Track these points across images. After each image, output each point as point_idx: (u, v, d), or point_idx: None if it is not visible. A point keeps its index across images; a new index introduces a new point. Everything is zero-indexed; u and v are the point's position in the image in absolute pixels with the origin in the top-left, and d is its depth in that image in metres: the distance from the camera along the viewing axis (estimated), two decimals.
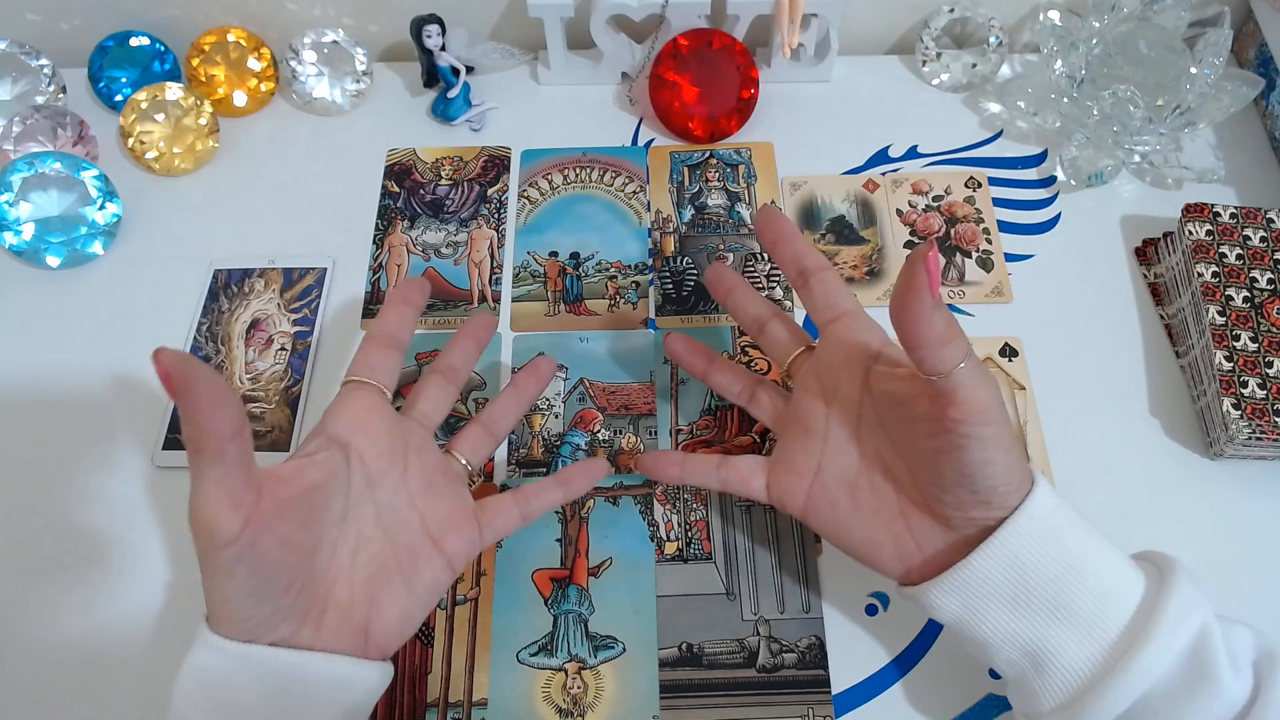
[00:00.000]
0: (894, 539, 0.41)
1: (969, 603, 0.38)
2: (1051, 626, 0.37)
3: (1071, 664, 0.36)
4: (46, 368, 0.58)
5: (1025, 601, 0.37)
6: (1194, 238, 0.56)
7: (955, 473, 0.37)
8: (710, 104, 0.66)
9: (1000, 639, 0.38)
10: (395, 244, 0.63)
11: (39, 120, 0.64)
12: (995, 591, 0.37)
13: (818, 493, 0.43)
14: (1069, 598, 0.36)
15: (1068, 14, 0.65)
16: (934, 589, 0.39)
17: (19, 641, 0.49)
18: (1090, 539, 0.38)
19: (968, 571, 0.38)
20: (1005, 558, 0.37)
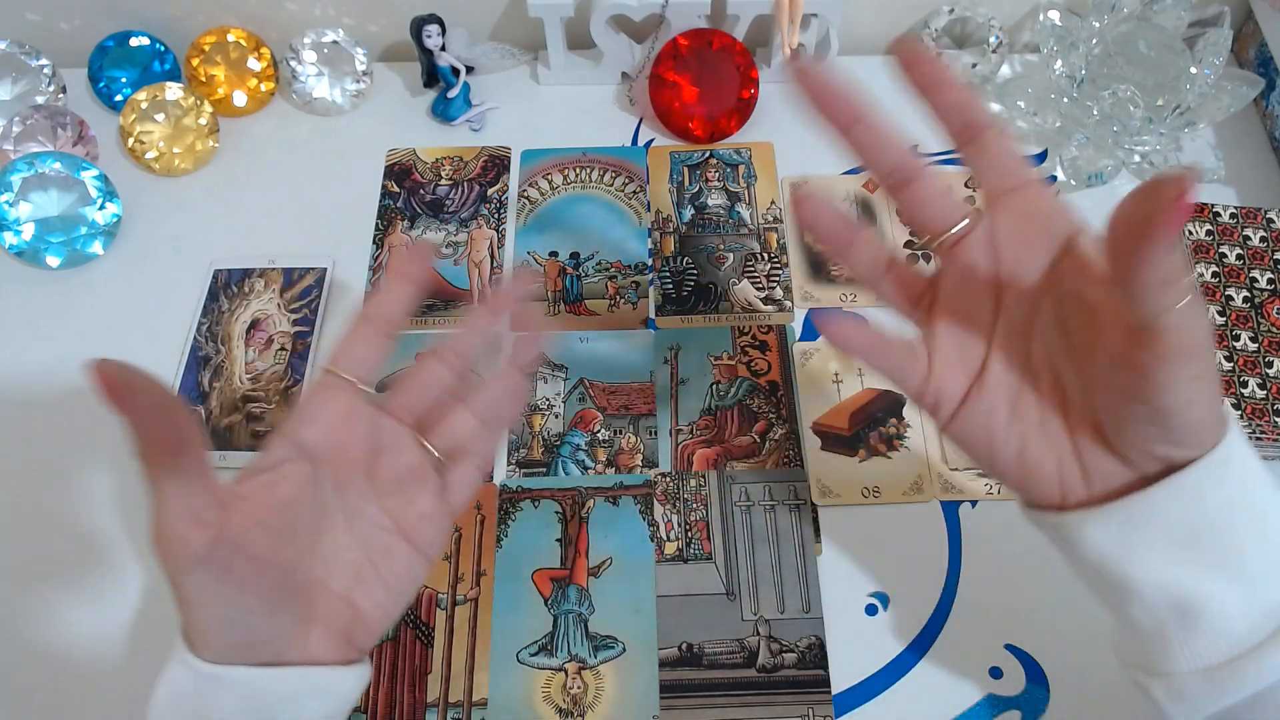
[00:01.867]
0: (1056, 461, 0.34)
1: (1129, 540, 0.33)
2: (1216, 579, 0.32)
3: (1229, 624, 0.32)
4: (46, 368, 0.58)
5: (1194, 547, 0.32)
6: (1194, 237, 0.56)
7: (1147, 411, 0.31)
8: (710, 104, 0.66)
9: (1152, 585, 0.33)
10: (395, 244, 0.63)
11: (39, 120, 0.64)
12: (1164, 532, 0.32)
13: (975, 395, 0.35)
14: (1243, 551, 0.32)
15: (1068, 14, 0.65)
16: (1091, 520, 0.33)
17: (17, 641, 0.49)
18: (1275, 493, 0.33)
19: (1141, 506, 0.32)
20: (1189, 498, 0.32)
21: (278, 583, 0.34)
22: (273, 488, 0.34)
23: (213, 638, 0.33)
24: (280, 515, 0.34)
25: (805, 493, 0.53)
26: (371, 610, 0.37)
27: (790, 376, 0.57)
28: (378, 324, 0.39)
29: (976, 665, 0.48)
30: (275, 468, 0.35)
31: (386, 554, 0.38)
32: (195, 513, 0.31)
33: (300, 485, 0.35)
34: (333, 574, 0.37)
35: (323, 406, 0.38)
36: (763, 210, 0.64)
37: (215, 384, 0.57)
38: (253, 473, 0.35)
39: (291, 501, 0.35)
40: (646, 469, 0.54)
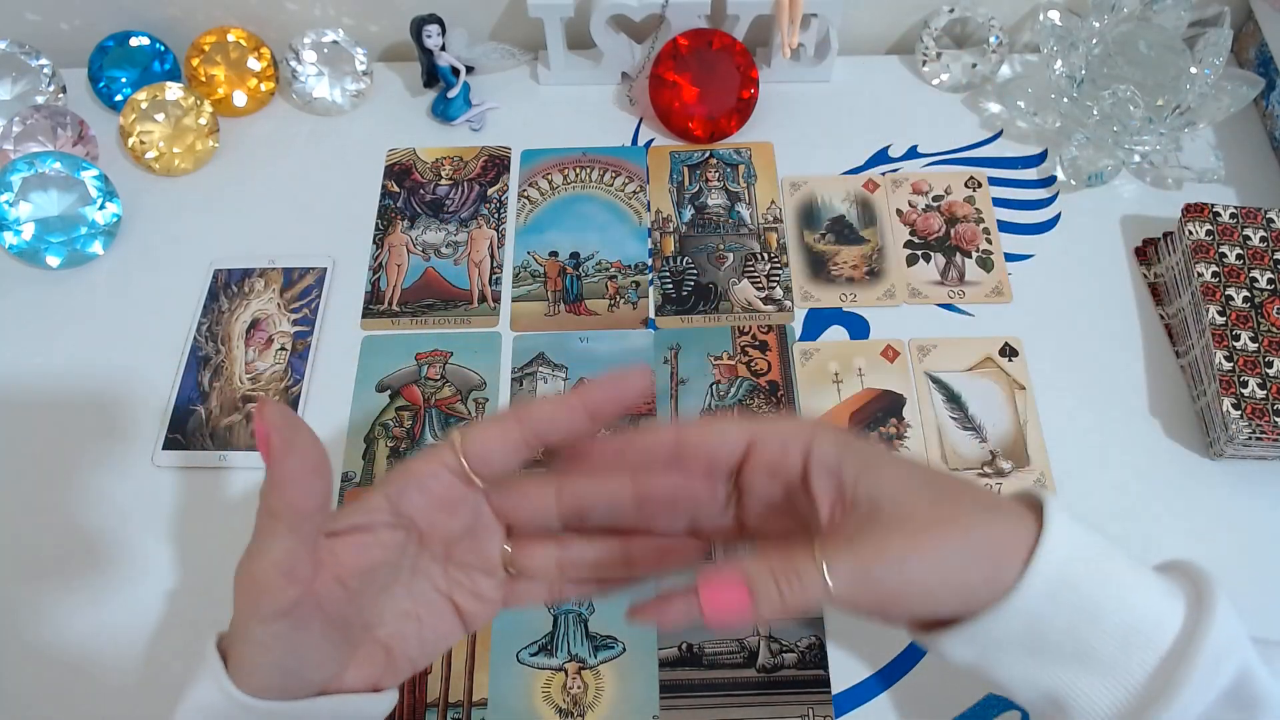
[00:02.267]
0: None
1: (987, 652, 0.36)
2: (1073, 671, 0.34)
3: (1096, 708, 0.34)
4: (46, 368, 0.58)
5: (1044, 649, 0.35)
6: (1194, 237, 0.56)
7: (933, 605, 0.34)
8: (710, 104, 0.66)
9: (1019, 683, 0.36)
10: (395, 244, 0.63)
11: (39, 120, 0.64)
12: (1011, 642, 0.35)
13: None
14: (1089, 644, 0.34)
15: (1068, 14, 0.65)
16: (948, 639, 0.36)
17: (17, 642, 0.49)
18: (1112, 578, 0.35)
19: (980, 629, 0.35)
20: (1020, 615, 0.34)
21: (338, 635, 0.34)
22: (363, 551, 0.34)
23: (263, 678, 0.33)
24: (360, 578, 0.34)
25: None
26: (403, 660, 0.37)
27: (790, 376, 0.57)
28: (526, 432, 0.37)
29: None
30: (371, 529, 0.35)
31: (433, 614, 0.38)
32: (292, 567, 0.31)
33: (388, 551, 0.35)
34: (383, 622, 0.37)
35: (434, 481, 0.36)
36: (763, 210, 0.64)
37: (215, 384, 0.57)
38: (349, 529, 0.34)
39: (376, 566, 0.35)
40: None
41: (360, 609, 0.35)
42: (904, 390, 0.56)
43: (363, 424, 0.56)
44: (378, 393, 0.57)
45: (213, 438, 0.55)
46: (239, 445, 0.55)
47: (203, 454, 0.55)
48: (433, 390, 0.57)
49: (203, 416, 0.56)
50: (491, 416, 0.37)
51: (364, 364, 0.58)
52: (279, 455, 0.30)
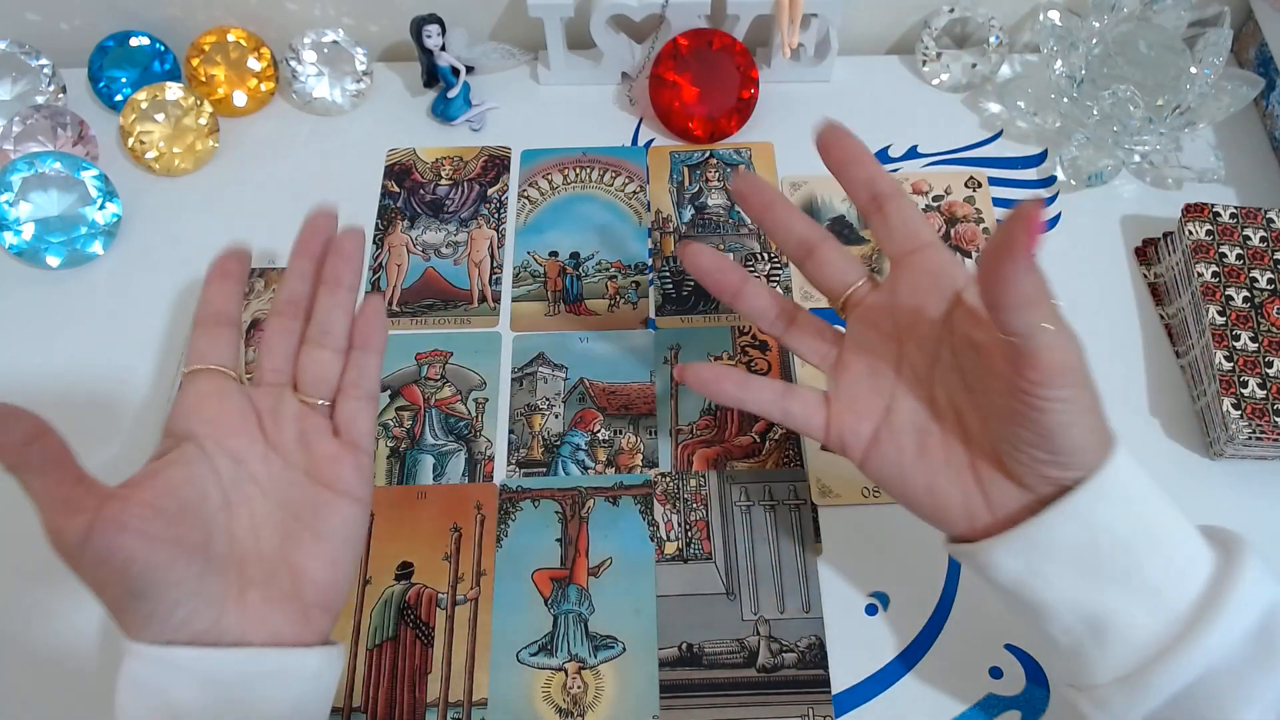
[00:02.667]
0: (961, 492, 0.38)
1: (1034, 563, 0.36)
2: (1119, 594, 0.35)
3: (1136, 634, 0.35)
4: (46, 368, 0.58)
5: (1094, 566, 0.35)
6: (1194, 237, 0.56)
7: (1032, 434, 0.34)
8: (710, 104, 0.66)
9: (1062, 604, 0.36)
10: (395, 244, 0.63)
11: (39, 120, 0.64)
12: (1064, 554, 0.35)
13: (884, 436, 0.40)
14: (1140, 565, 0.35)
15: (1068, 14, 0.65)
16: (998, 546, 0.36)
17: (17, 641, 0.49)
18: (1166, 508, 0.36)
19: (1038, 530, 0.35)
20: (1081, 519, 0.35)
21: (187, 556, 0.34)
22: (158, 475, 0.36)
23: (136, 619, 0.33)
24: (171, 496, 0.35)
25: (805, 492, 0.53)
26: (312, 562, 0.38)
27: (790, 376, 0.57)
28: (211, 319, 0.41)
29: (976, 665, 0.48)
30: (160, 459, 0.37)
31: (311, 507, 0.39)
32: (66, 502, 0.32)
33: (185, 465, 0.36)
34: (261, 537, 0.38)
35: (186, 397, 0.39)
36: None
37: None
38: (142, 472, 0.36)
39: (182, 482, 0.36)
40: (646, 469, 0.54)
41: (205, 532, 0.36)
42: None
43: None
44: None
45: None
46: None
47: None
48: (433, 390, 0.57)
49: None
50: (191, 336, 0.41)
51: None
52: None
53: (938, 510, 0.39)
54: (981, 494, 0.37)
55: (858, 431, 0.40)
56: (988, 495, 0.37)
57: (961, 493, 0.38)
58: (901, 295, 0.40)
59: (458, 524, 0.52)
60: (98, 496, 0.33)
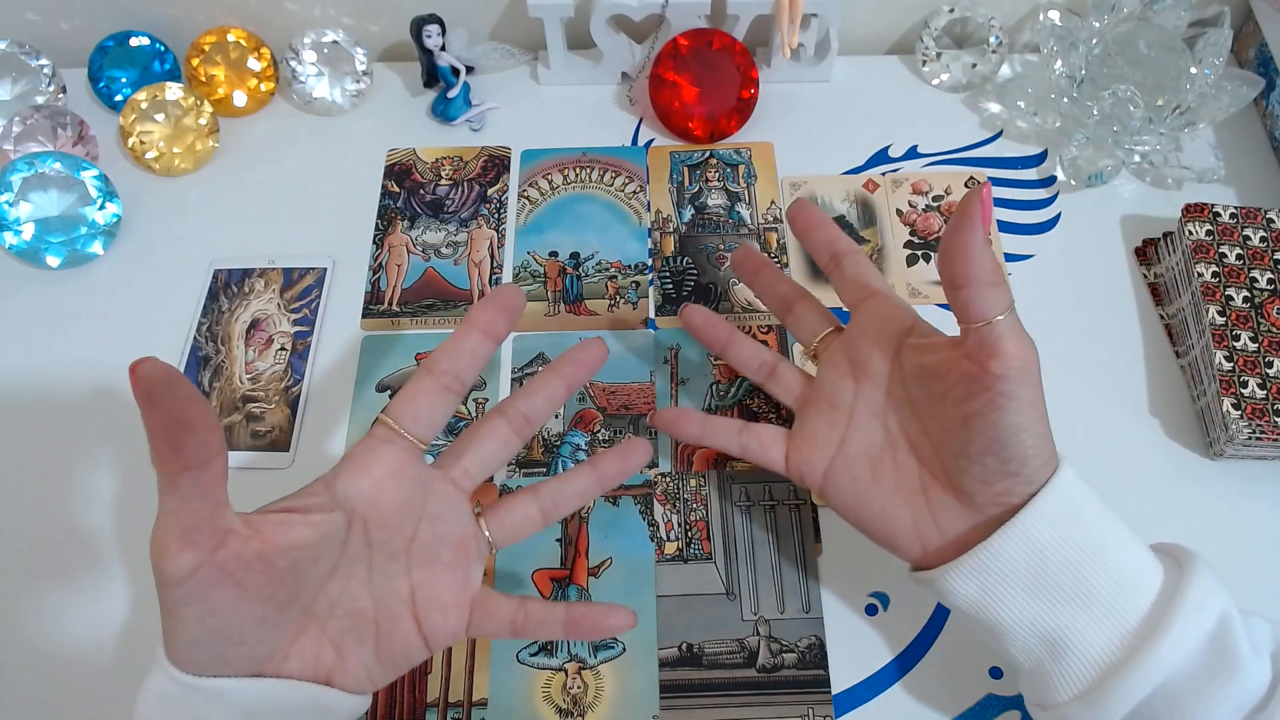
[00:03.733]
0: (913, 517, 0.40)
1: (987, 586, 0.37)
2: (1071, 612, 0.36)
3: (1090, 651, 0.36)
4: (46, 368, 0.58)
5: (1045, 586, 0.36)
6: (1194, 238, 0.56)
7: (986, 438, 0.36)
8: (710, 104, 0.66)
9: (1018, 625, 0.37)
10: (395, 244, 0.63)
11: (39, 120, 0.64)
12: (1015, 575, 0.37)
13: (838, 466, 0.43)
14: (1089, 583, 0.36)
15: (1068, 14, 0.65)
16: (951, 572, 0.38)
17: (17, 642, 0.49)
18: (1111, 524, 0.38)
19: (987, 554, 0.37)
20: (1027, 540, 0.36)
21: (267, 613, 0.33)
22: (289, 528, 0.33)
23: (188, 653, 0.33)
24: (286, 555, 0.33)
25: (805, 493, 0.53)
26: (356, 666, 0.37)
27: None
28: (445, 379, 0.37)
29: (976, 665, 0.48)
30: (303, 510, 0.34)
31: (391, 620, 0.37)
32: (188, 531, 0.31)
33: (322, 534, 0.34)
34: (334, 615, 0.36)
35: (371, 459, 0.36)
36: (762, 210, 0.64)
37: (215, 384, 0.57)
38: (277, 508, 0.34)
39: (305, 545, 0.34)
40: (646, 469, 0.54)
41: (294, 591, 0.34)
42: None
43: (363, 424, 0.56)
44: (378, 393, 0.57)
45: None
46: (239, 445, 0.55)
47: None
48: None
49: None
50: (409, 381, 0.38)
51: (364, 364, 0.58)
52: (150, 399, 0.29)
53: (891, 534, 0.41)
54: (931, 517, 0.40)
55: (813, 463, 0.44)
56: (937, 518, 0.40)
57: (912, 516, 0.40)
58: (856, 338, 0.44)
59: None
60: (219, 534, 0.31)
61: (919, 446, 0.41)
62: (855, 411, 0.43)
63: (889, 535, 0.41)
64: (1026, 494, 0.37)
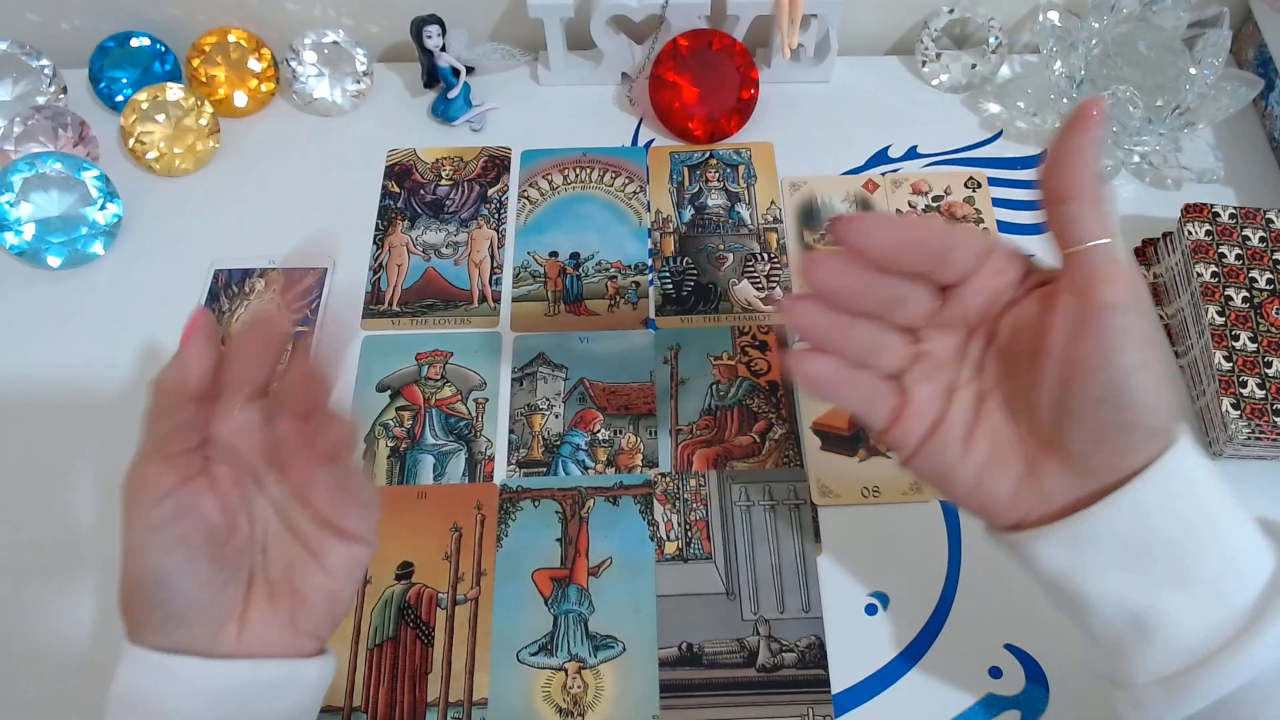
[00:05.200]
0: (1013, 485, 0.36)
1: (1080, 556, 0.34)
2: (1168, 593, 0.33)
3: (1183, 636, 0.33)
4: (46, 368, 0.58)
5: (1144, 562, 0.33)
6: (1193, 238, 0.56)
7: (1100, 383, 0.32)
8: (710, 104, 0.66)
9: (1104, 599, 0.34)
10: (395, 244, 0.63)
11: (40, 120, 0.64)
12: (1113, 547, 0.33)
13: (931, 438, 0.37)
14: (1195, 563, 0.33)
15: (1067, 15, 0.65)
16: (1043, 537, 0.34)
17: (16, 642, 0.49)
18: (1226, 500, 0.34)
19: (1089, 522, 0.33)
20: (1135, 511, 0.33)
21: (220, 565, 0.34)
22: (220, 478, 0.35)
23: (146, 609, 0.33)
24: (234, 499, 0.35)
25: (805, 493, 0.53)
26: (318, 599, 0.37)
27: (790, 376, 0.57)
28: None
29: (976, 665, 0.48)
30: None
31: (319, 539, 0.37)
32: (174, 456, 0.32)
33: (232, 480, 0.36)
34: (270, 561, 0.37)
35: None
36: (762, 210, 0.64)
37: None
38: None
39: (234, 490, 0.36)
40: (646, 469, 0.54)
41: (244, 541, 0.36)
42: None
43: (363, 424, 0.56)
44: (378, 393, 0.57)
45: None
46: None
47: None
48: (433, 390, 0.57)
49: None
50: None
51: (364, 364, 0.58)
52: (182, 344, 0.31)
53: (984, 506, 0.37)
54: (1034, 484, 0.35)
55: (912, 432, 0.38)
56: (1041, 486, 0.35)
57: (1012, 484, 0.36)
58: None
59: (458, 524, 0.52)
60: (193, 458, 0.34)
61: (1015, 407, 0.36)
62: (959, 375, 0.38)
63: (981, 504, 0.37)
64: (1148, 454, 0.32)
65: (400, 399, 0.57)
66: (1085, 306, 0.32)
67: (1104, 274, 0.31)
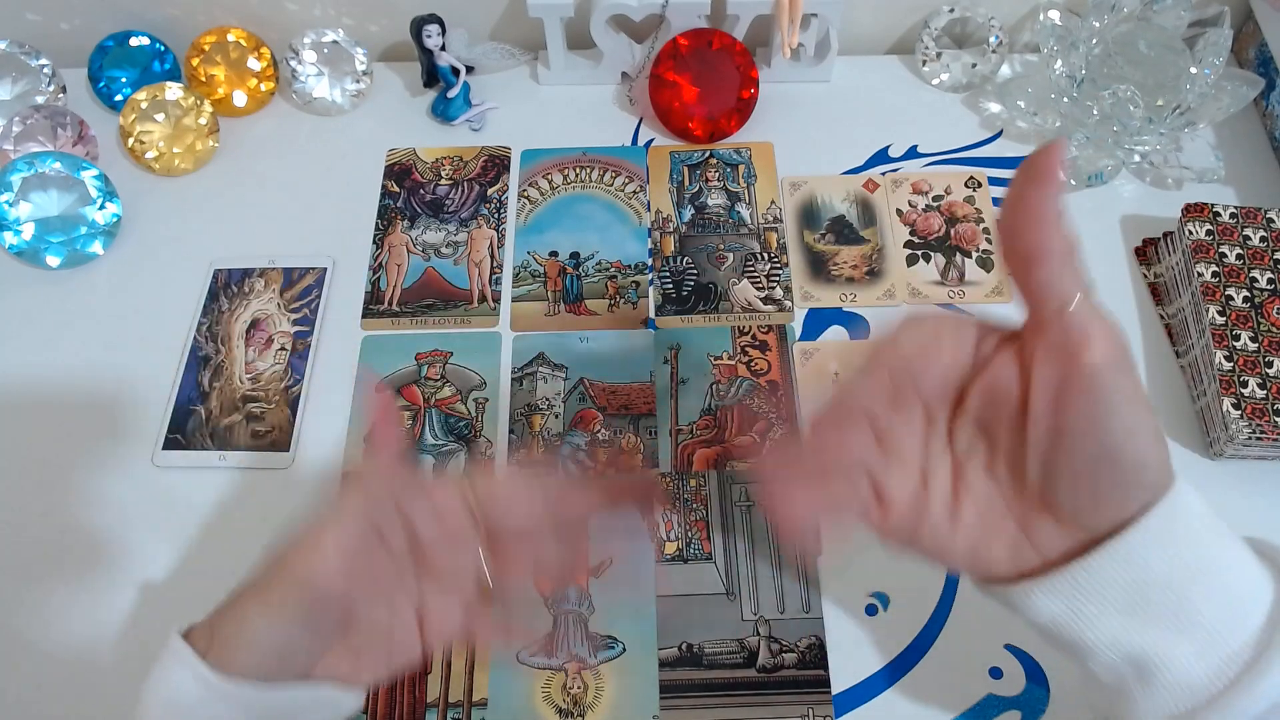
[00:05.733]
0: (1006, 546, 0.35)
1: (1077, 604, 0.33)
2: (1169, 637, 0.32)
3: (1185, 677, 0.32)
4: (46, 368, 0.58)
5: (1142, 608, 0.32)
6: (1194, 237, 0.56)
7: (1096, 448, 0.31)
8: (710, 104, 0.66)
9: (1104, 644, 0.33)
10: (395, 244, 0.63)
11: (39, 120, 0.64)
12: (1110, 595, 0.33)
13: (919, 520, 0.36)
14: (1194, 607, 0.32)
15: (1068, 14, 0.65)
16: (1037, 589, 0.33)
17: (17, 641, 0.49)
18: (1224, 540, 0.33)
19: (1083, 572, 0.32)
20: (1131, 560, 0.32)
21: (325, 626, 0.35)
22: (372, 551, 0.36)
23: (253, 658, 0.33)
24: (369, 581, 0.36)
25: None
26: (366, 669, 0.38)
27: (790, 376, 0.57)
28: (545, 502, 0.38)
29: (976, 665, 0.48)
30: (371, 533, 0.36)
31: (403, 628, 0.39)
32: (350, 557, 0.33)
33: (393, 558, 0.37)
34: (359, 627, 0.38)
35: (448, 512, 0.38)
36: (763, 210, 0.64)
37: (215, 384, 0.57)
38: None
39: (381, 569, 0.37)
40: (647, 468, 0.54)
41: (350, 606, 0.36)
42: None
43: (363, 424, 0.56)
44: (377, 393, 0.57)
45: (213, 437, 0.55)
46: (239, 445, 0.55)
47: (203, 454, 0.55)
48: (433, 390, 0.57)
49: (203, 416, 0.56)
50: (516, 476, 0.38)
51: (364, 364, 0.58)
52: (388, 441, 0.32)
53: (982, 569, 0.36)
54: (1027, 543, 0.34)
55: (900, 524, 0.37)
56: (1035, 542, 0.34)
57: (1005, 547, 0.35)
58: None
59: None
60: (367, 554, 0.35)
61: (997, 472, 0.35)
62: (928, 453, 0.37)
63: (980, 569, 0.36)
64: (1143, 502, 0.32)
65: (400, 399, 0.57)
66: (1070, 370, 0.30)
67: (1086, 333, 0.30)
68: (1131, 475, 0.31)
